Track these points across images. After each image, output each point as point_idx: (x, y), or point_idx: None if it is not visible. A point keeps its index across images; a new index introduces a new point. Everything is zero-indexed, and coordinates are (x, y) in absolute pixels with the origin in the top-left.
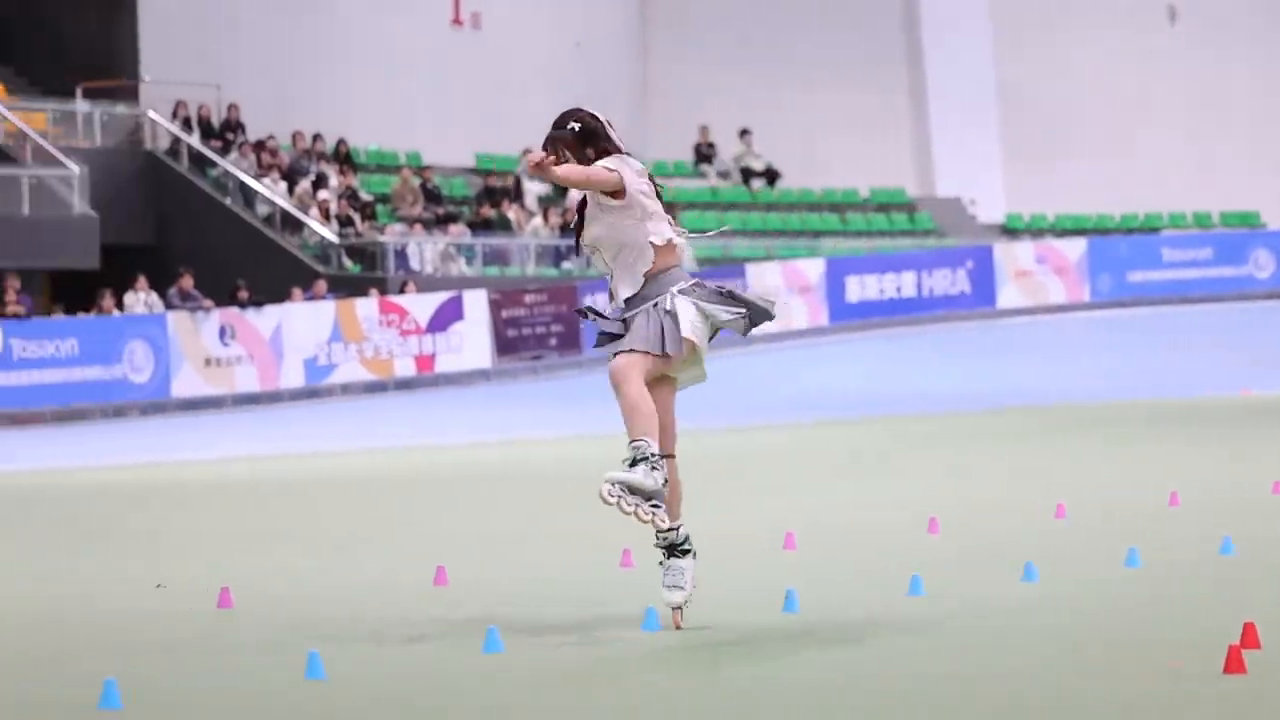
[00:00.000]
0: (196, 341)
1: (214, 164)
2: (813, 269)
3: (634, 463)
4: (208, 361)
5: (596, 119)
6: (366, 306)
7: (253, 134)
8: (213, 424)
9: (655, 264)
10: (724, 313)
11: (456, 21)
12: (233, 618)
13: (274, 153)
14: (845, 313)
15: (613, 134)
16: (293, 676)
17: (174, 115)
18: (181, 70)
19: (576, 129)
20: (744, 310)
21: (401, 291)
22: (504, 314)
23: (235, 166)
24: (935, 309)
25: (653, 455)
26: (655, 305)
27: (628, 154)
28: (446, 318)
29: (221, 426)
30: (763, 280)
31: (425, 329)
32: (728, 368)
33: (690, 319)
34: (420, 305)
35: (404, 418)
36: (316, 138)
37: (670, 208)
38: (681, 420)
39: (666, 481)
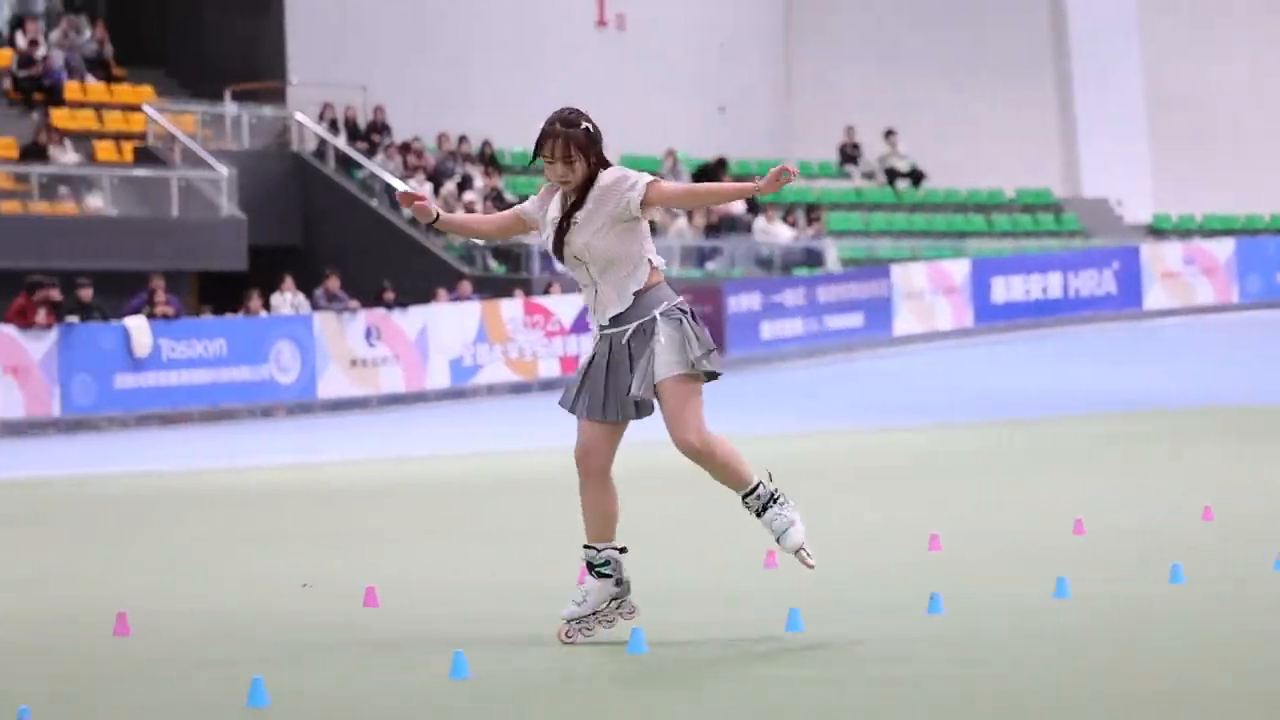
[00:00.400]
0: (342, 342)
1: (360, 166)
2: (958, 270)
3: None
4: (353, 362)
5: (591, 122)
6: (511, 308)
7: (398, 136)
8: (358, 424)
9: (646, 283)
10: (699, 346)
11: (601, 22)
12: (379, 617)
13: (419, 154)
14: (990, 314)
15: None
16: (437, 676)
17: (320, 117)
18: (328, 72)
19: (590, 130)
20: (712, 350)
21: (546, 292)
22: None
23: (381, 168)
24: (1081, 310)
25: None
26: (645, 333)
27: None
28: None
29: (367, 427)
30: (909, 278)
31: (569, 330)
32: (874, 368)
33: (667, 360)
34: (565, 306)
35: (548, 419)
36: (462, 139)
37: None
38: (829, 419)
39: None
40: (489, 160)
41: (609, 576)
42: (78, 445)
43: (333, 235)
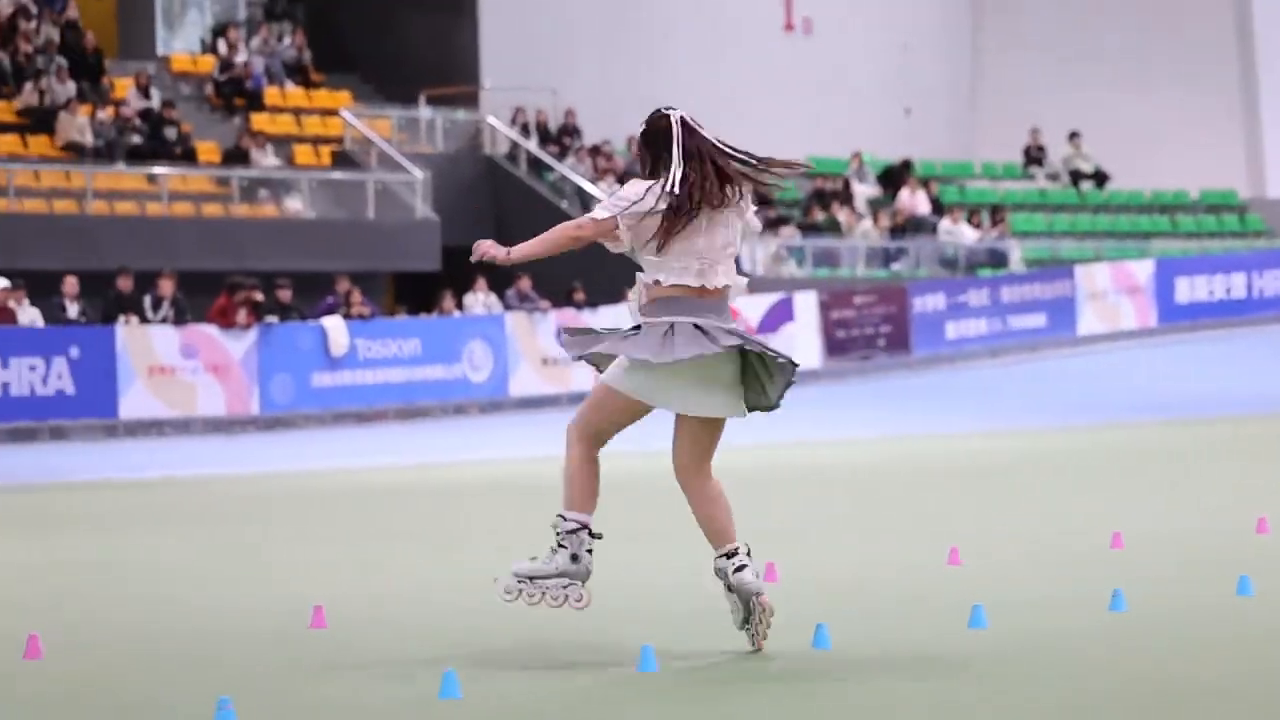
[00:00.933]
0: (533, 341)
1: (551, 168)
2: (1142, 270)
3: None
4: (544, 361)
5: (665, 120)
6: None
7: (589, 139)
8: (549, 421)
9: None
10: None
11: (788, 26)
12: (568, 613)
13: (609, 157)
14: (1175, 314)
15: (678, 142)
16: (626, 669)
17: (513, 121)
18: (520, 77)
19: (644, 132)
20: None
21: None
22: (833, 315)
23: (572, 171)
24: (1266, 310)
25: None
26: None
27: (678, 172)
28: (777, 319)
29: (557, 424)
30: (1093, 279)
31: (756, 330)
32: (1057, 368)
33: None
34: (752, 306)
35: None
36: None
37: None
38: (1012, 419)
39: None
40: None
41: (565, 549)
42: (275, 442)
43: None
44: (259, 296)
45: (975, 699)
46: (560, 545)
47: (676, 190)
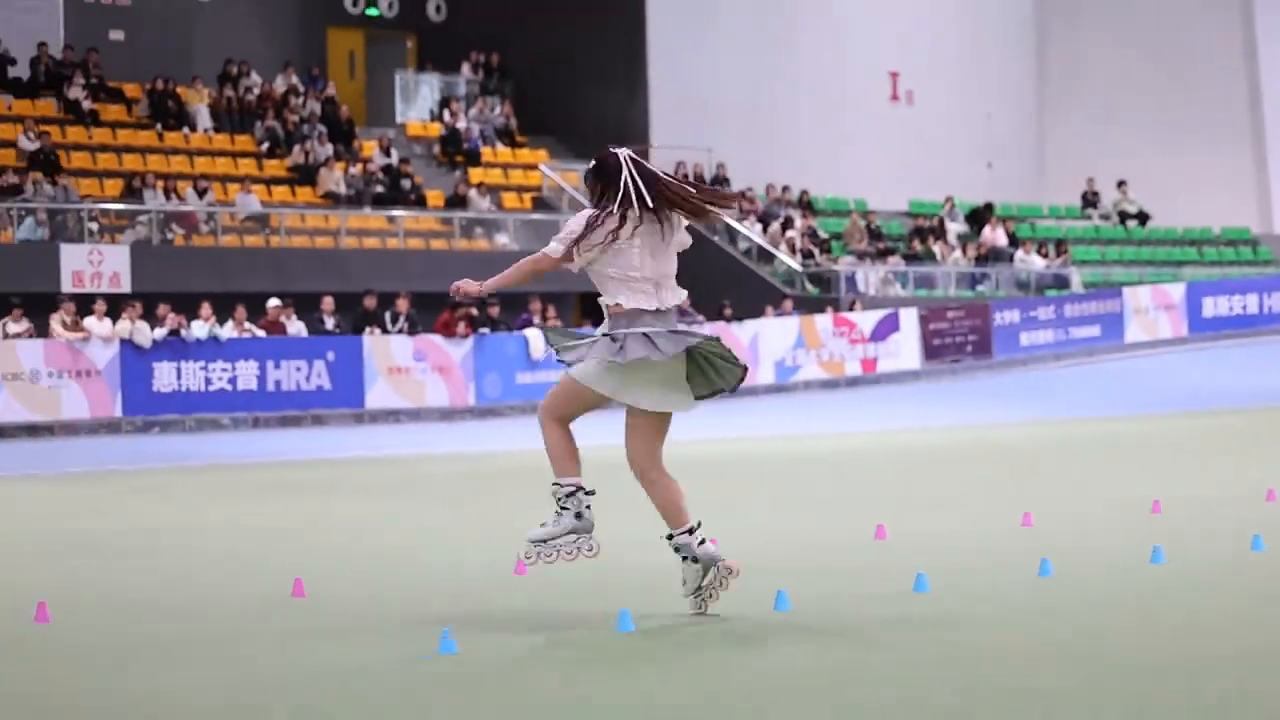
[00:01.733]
0: None
1: None
2: (1175, 291)
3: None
4: None
5: (614, 157)
6: (823, 321)
7: (736, 186)
8: (702, 412)
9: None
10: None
11: (894, 98)
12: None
13: (752, 200)
14: (1202, 326)
15: (626, 174)
16: (765, 610)
17: (676, 172)
18: (682, 137)
19: (590, 165)
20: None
21: (851, 309)
22: (931, 326)
23: (722, 212)
24: (1276, 323)
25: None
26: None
27: (630, 197)
28: (886, 330)
29: (709, 415)
30: (1137, 298)
31: (869, 338)
32: (1109, 369)
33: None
34: (865, 320)
35: (852, 409)
36: (785, 189)
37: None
38: (1074, 410)
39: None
40: (806, 205)
41: (568, 510)
42: (488, 428)
43: (685, 264)
44: (474, 312)
45: (1051, 628)
46: (563, 509)
47: (616, 209)
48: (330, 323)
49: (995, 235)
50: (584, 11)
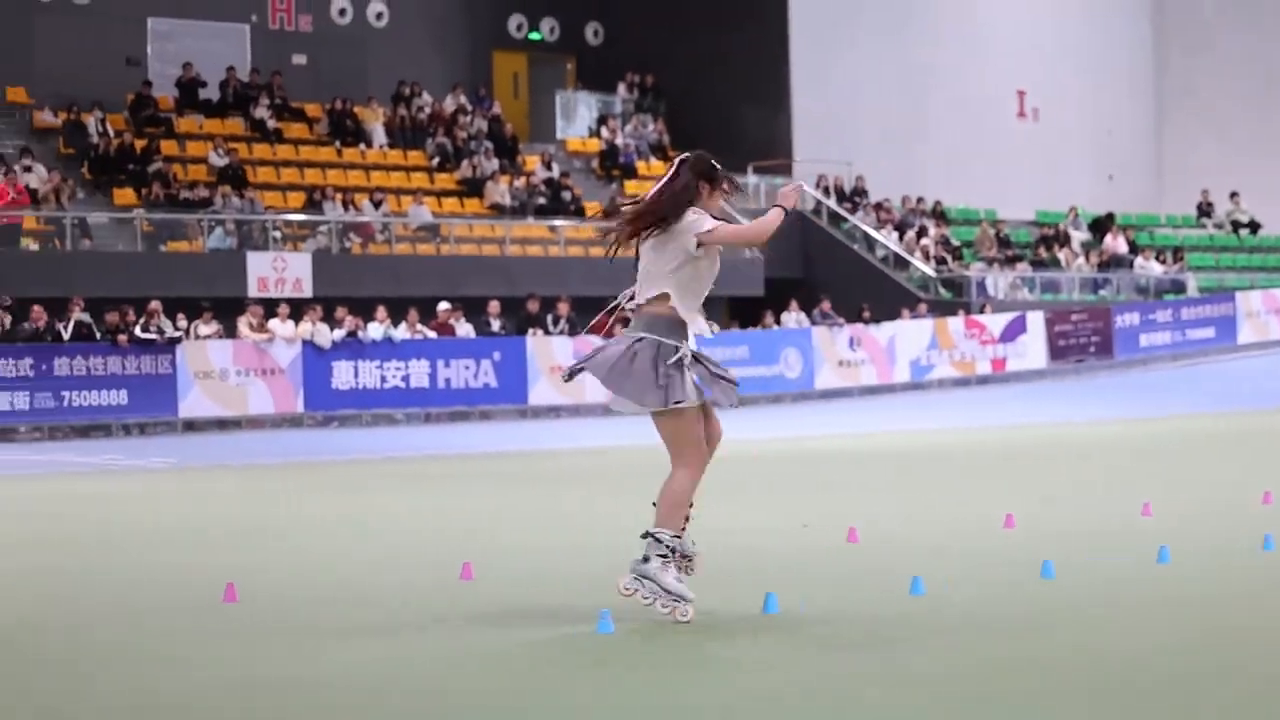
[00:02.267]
0: (832, 348)
1: (846, 220)
2: None
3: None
4: (841, 363)
5: (692, 166)
6: (956, 323)
7: (874, 197)
8: (843, 409)
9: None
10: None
11: (1021, 114)
12: (857, 551)
13: (889, 211)
14: None
15: (704, 184)
16: (899, 595)
17: (817, 184)
18: (823, 152)
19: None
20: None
21: (981, 312)
22: (1056, 329)
23: (861, 221)
24: None
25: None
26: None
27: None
28: (1014, 331)
29: (849, 411)
30: (1249, 302)
31: (998, 339)
32: (1223, 369)
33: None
34: (995, 322)
35: (983, 405)
36: (919, 200)
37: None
38: (1192, 406)
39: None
40: (939, 215)
41: (668, 560)
42: (644, 423)
43: (826, 270)
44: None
45: (1160, 610)
46: (663, 557)
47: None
48: (496, 325)
49: (1116, 243)
50: (731, 34)
